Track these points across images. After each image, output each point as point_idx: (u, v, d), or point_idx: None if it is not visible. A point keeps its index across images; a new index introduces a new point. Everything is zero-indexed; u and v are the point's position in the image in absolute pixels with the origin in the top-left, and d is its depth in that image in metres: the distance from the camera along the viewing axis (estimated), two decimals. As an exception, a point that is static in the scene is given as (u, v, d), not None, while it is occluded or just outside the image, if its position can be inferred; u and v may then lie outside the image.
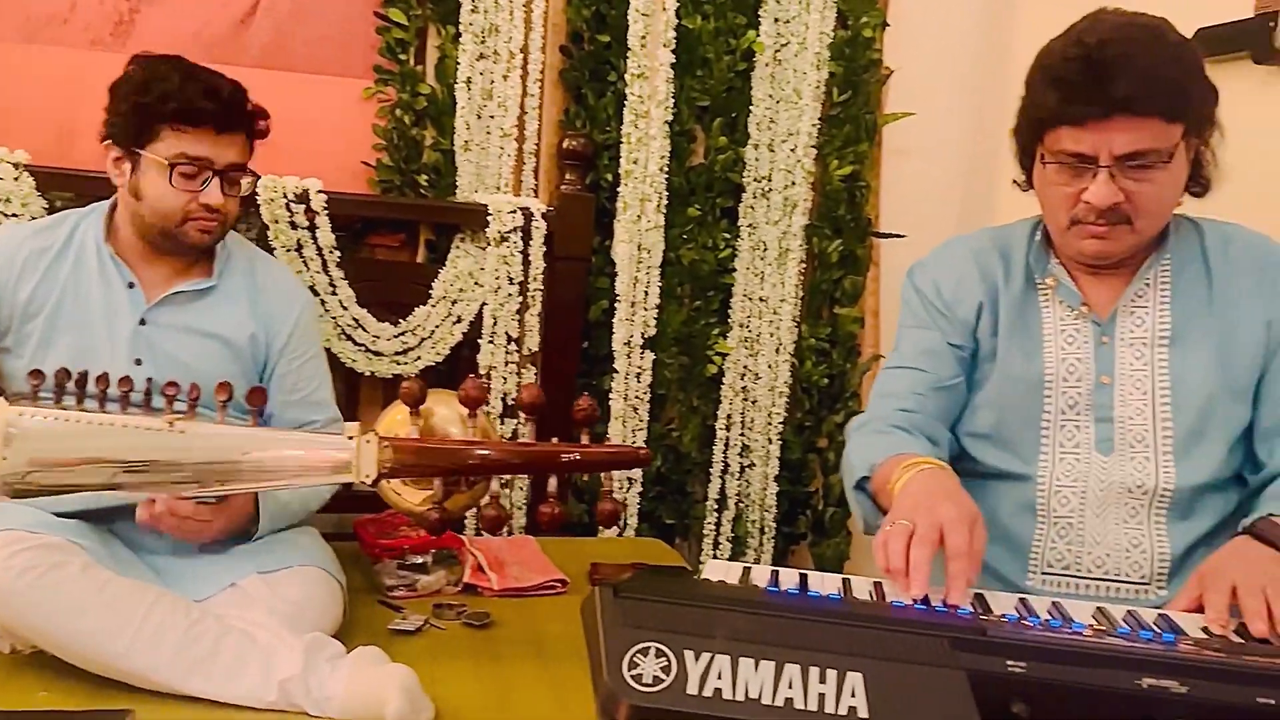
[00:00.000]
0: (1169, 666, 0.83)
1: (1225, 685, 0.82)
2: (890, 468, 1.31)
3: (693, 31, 2.18)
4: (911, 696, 0.83)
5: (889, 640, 0.86)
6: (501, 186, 2.17)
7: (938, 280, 1.53)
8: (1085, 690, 0.82)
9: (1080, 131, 1.30)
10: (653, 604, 0.89)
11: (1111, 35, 1.29)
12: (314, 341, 1.77)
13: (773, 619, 0.89)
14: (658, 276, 2.22)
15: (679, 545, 2.35)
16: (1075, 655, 0.84)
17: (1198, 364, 1.38)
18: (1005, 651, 0.84)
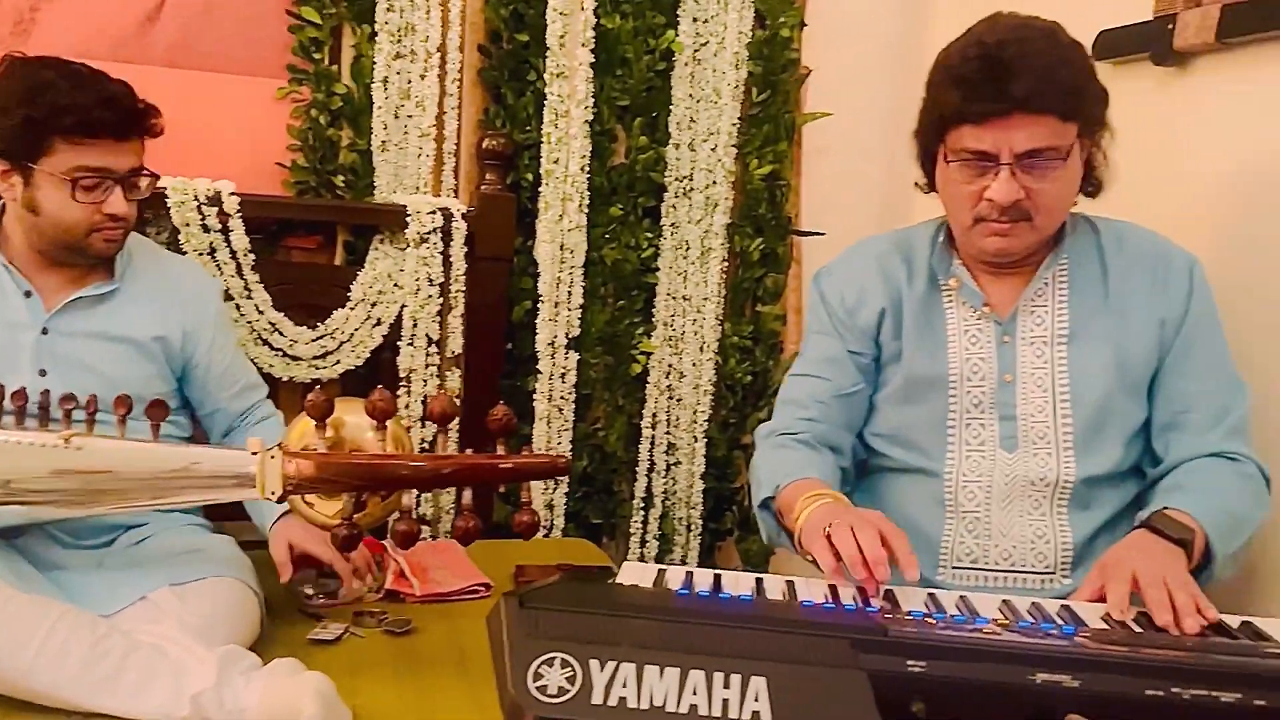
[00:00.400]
0: (1062, 661, 0.85)
1: (1116, 677, 0.84)
2: (793, 495, 1.37)
3: (611, 31, 2.18)
4: (813, 699, 0.84)
5: (793, 643, 0.87)
6: (421, 187, 2.14)
7: (841, 288, 1.56)
8: (981, 686, 0.84)
9: (981, 130, 1.34)
10: (559, 613, 0.89)
11: (1009, 36, 1.33)
12: (232, 328, 1.78)
13: (679, 625, 0.90)
14: (581, 276, 2.21)
15: (606, 545, 2.35)
16: (972, 652, 0.86)
17: (1095, 361, 1.42)
18: (905, 651, 0.86)
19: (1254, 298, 1.59)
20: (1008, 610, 1.11)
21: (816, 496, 1.33)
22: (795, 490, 1.38)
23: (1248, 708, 0.81)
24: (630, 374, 2.30)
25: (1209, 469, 1.38)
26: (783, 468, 1.44)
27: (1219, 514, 1.30)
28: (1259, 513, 1.38)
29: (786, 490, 1.39)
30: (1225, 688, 0.82)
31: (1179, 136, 1.73)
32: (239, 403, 1.74)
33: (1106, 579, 1.18)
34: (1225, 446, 1.39)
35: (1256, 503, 1.38)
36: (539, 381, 2.20)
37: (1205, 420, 1.41)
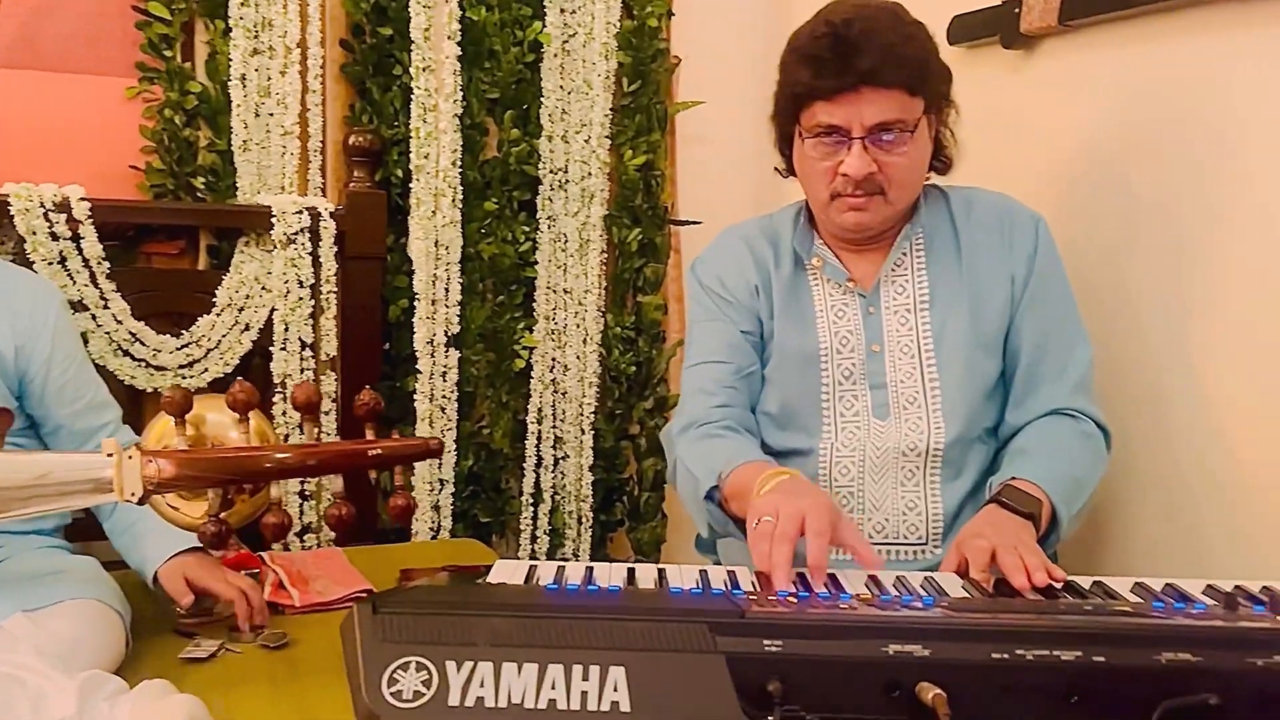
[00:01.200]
0: (912, 631, 0.87)
1: (964, 645, 0.86)
2: (746, 477, 1.34)
3: (478, 23, 2.15)
4: (672, 685, 0.84)
5: (652, 631, 0.87)
6: (286, 186, 2.08)
7: (718, 272, 1.57)
8: (835, 661, 0.85)
9: (833, 105, 1.38)
10: (413, 617, 0.87)
11: (855, 14, 1.38)
12: (77, 342, 1.67)
13: (541, 619, 0.89)
14: (458, 273, 2.18)
15: (496, 543, 2.33)
16: (825, 629, 0.87)
17: (954, 323, 1.47)
18: (762, 631, 0.87)
19: (1094, 265, 1.66)
20: (873, 585, 1.13)
21: (772, 475, 1.29)
22: (744, 474, 1.34)
23: (1086, 664, 0.84)
24: (513, 370, 2.28)
25: (1052, 431, 1.43)
26: (718, 455, 1.41)
27: (1063, 479, 1.36)
28: (1099, 470, 1.44)
29: (732, 477, 1.36)
30: (1066, 646, 0.85)
31: (1028, 116, 1.79)
32: (83, 421, 1.64)
33: (964, 550, 1.21)
34: (1069, 403, 1.45)
35: (1096, 461, 1.44)
36: (419, 381, 2.16)
37: (1050, 374, 1.46)
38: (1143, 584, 1.12)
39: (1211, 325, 1.51)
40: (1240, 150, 1.46)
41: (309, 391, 1.45)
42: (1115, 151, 1.66)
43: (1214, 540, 1.51)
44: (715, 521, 1.42)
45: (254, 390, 1.39)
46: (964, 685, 0.84)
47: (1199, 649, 0.85)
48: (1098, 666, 0.84)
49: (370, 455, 1.37)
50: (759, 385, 1.55)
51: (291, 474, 1.38)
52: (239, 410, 1.39)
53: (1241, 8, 1.45)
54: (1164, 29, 1.56)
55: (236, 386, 1.39)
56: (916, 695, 0.83)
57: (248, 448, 1.37)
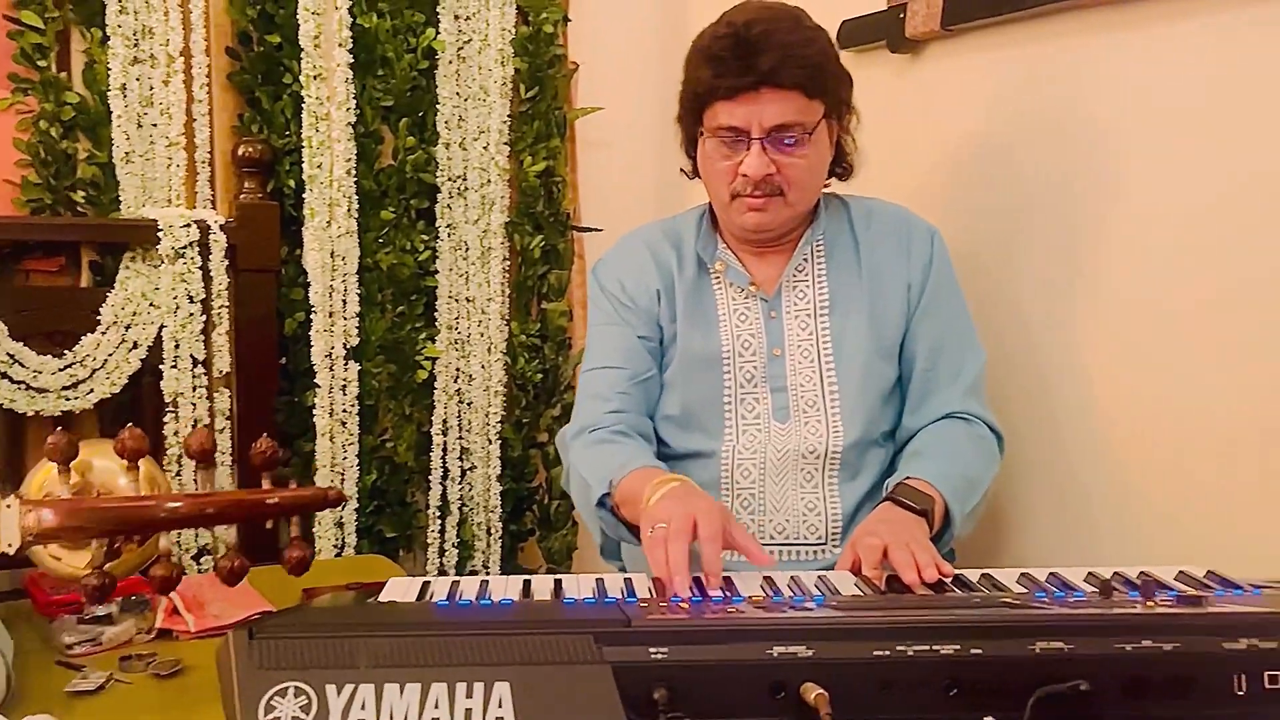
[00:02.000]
0: (797, 633, 0.87)
1: (847, 644, 0.87)
2: (636, 484, 1.33)
3: (370, 30, 2.12)
4: (557, 698, 0.83)
5: (538, 644, 0.86)
6: (173, 199, 2.02)
7: (620, 276, 1.57)
8: (721, 666, 0.85)
9: (733, 105, 1.40)
10: (291, 641, 0.85)
11: (756, 16, 1.40)
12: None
13: (426, 638, 0.87)
14: (355, 284, 2.14)
15: (404, 558, 2.29)
16: (711, 634, 0.88)
17: (854, 329, 1.50)
18: (647, 640, 0.86)
19: (984, 266, 1.71)
20: (768, 587, 1.14)
21: (663, 483, 1.29)
22: (635, 481, 1.34)
23: (964, 657, 0.86)
24: (416, 381, 2.25)
25: (946, 433, 1.47)
26: (610, 461, 1.41)
27: (956, 479, 1.39)
28: (991, 470, 1.48)
29: (623, 484, 1.36)
30: (945, 640, 0.86)
31: (916, 119, 1.83)
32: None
33: (858, 549, 1.23)
34: (962, 407, 1.49)
35: (989, 462, 1.49)
36: (318, 396, 2.12)
37: (944, 379, 1.50)
38: (1028, 574, 1.15)
39: (1095, 322, 1.56)
40: (1118, 147, 1.51)
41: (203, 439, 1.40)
42: (1000, 152, 1.71)
43: (1102, 529, 1.56)
44: (608, 528, 1.42)
45: (144, 436, 1.34)
46: (847, 684, 0.85)
47: (1071, 637, 0.87)
48: (975, 659, 0.86)
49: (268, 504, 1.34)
50: (657, 390, 1.55)
51: (185, 525, 1.33)
52: (128, 457, 1.33)
53: (1110, 10, 1.50)
54: (1040, 33, 1.61)
55: (126, 433, 1.33)
56: (800, 696, 0.83)
57: (138, 497, 1.32)
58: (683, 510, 1.18)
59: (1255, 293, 1.34)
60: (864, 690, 0.86)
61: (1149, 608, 0.95)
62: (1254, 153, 1.34)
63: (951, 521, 1.37)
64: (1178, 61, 1.42)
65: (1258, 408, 1.35)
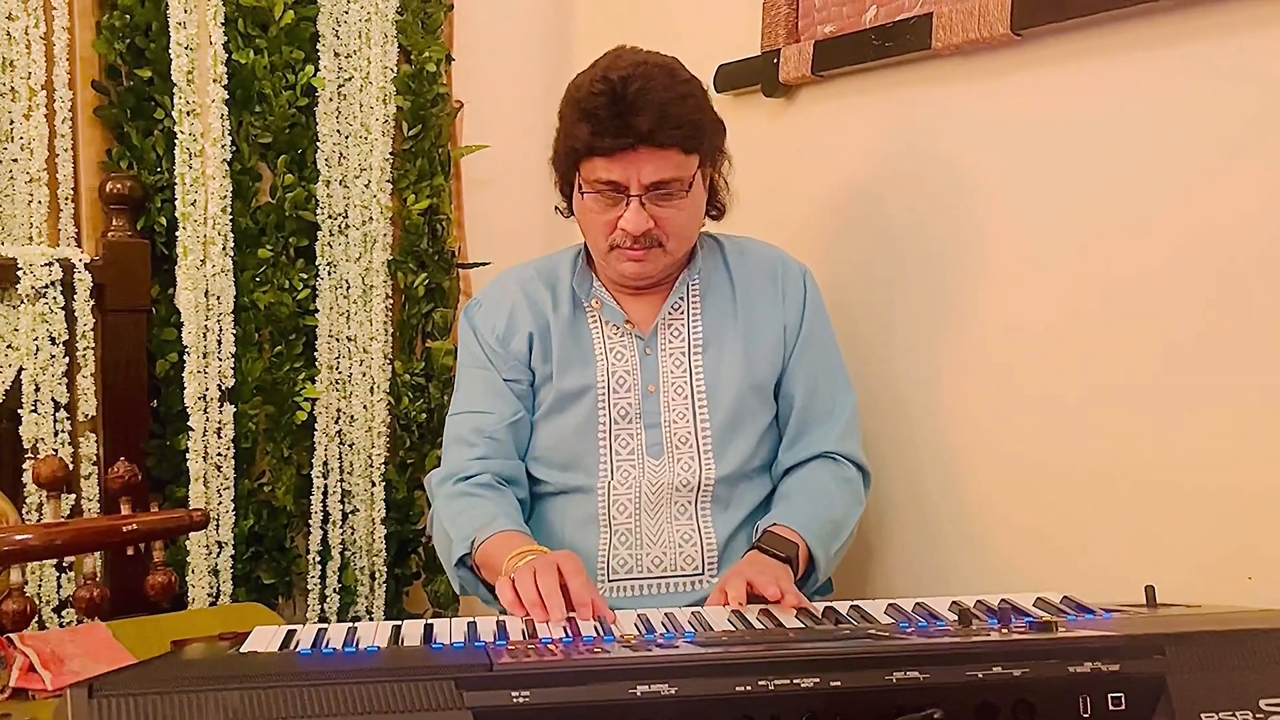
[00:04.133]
0: (660, 670, 0.87)
1: (710, 680, 0.88)
2: (496, 552, 1.34)
3: (246, 66, 2.08)
4: (416, 747, 0.82)
5: (399, 691, 0.84)
6: (35, 237, 1.95)
7: (492, 318, 1.57)
8: (583, 708, 0.85)
9: (611, 162, 1.40)
10: (135, 698, 0.81)
11: (631, 72, 1.40)
12: None
13: (278, 689, 0.84)
14: (231, 323, 2.09)
15: (283, 606, 2.22)
16: (575, 675, 0.87)
17: (728, 366, 1.52)
18: (510, 683, 0.85)
19: (852, 304, 1.76)
20: (642, 624, 1.14)
21: (523, 554, 1.30)
22: (496, 547, 1.35)
23: (824, 690, 0.87)
24: (295, 422, 2.19)
25: (814, 478, 1.52)
26: (473, 520, 1.41)
27: (819, 523, 1.44)
28: (856, 511, 1.53)
29: (484, 547, 1.37)
30: (806, 674, 0.87)
31: (789, 161, 1.88)
32: None
33: (725, 586, 1.26)
34: (836, 447, 1.53)
35: (853, 503, 1.54)
36: (192, 439, 2.04)
37: (819, 418, 1.54)
38: (895, 605, 1.17)
39: (955, 359, 1.63)
40: (978, 183, 1.58)
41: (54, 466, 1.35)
42: (868, 193, 1.76)
43: (962, 558, 1.61)
44: (467, 585, 1.43)
45: None
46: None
47: (927, 666, 0.89)
48: (834, 691, 0.87)
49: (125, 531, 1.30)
50: (527, 432, 1.55)
51: (35, 556, 1.28)
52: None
53: (966, 60, 1.58)
54: (904, 79, 1.68)
55: None
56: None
57: (-20, 529, 1.26)
58: (544, 559, 1.23)
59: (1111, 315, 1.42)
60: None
61: (1004, 635, 0.98)
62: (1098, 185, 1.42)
63: (815, 565, 1.42)
64: (1028, 105, 1.51)
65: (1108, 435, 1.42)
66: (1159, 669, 0.92)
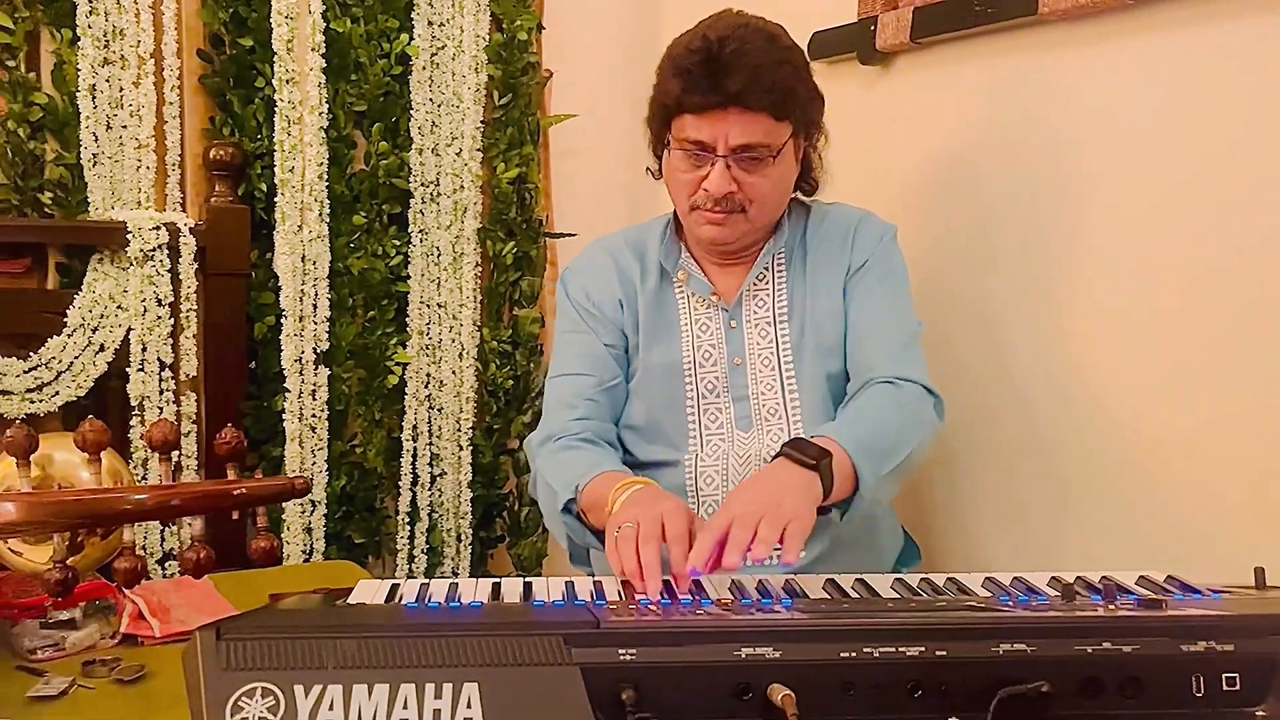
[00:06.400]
0: (764, 634, 0.88)
1: (813, 645, 0.88)
2: (602, 488, 1.33)
3: (343, 35, 2.12)
4: (526, 699, 0.83)
5: (507, 645, 0.86)
6: (142, 201, 2.01)
7: (585, 284, 1.58)
8: (688, 667, 0.86)
9: (700, 120, 1.40)
10: (259, 642, 0.84)
11: (731, 33, 1.39)
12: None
13: (395, 639, 0.87)
14: (326, 288, 2.14)
15: (373, 564, 2.28)
16: (678, 635, 0.88)
17: (808, 335, 1.50)
18: (616, 641, 0.87)
19: (949, 274, 1.73)
20: (735, 589, 1.14)
21: (626, 485, 1.29)
22: (600, 485, 1.33)
23: (929, 659, 0.87)
24: (386, 386, 2.24)
25: (865, 399, 1.41)
26: (575, 468, 1.41)
27: (865, 437, 1.31)
28: (916, 432, 1.38)
29: (588, 489, 1.36)
30: (909, 642, 0.87)
31: (884, 129, 1.85)
32: None
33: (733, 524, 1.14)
34: (890, 371, 1.42)
35: (912, 422, 1.39)
36: (288, 400, 2.10)
37: (875, 350, 1.46)
38: (993, 578, 1.16)
39: (1059, 328, 1.59)
40: (1081, 158, 1.54)
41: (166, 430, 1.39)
42: (967, 163, 1.73)
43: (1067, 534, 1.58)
44: (574, 534, 1.42)
45: (105, 428, 1.33)
46: (813, 685, 0.86)
47: (1033, 639, 0.89)
48: (939, 660, 0.87)
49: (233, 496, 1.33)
50: (623, 398, 1.55)
51: (149, 517, 1.33)
52: (89, 450, 1.33)
53: (1075, 26, 1.53)
54: (1007, 46, 1.64)
55: (87, 425, 1.33)
56: (767, 697, 0.84)
57: (101, 489, 1.31)
58: (650, 513, 1.18)
59: (1215, 299, 1.37)
60: (829, 691, 0.87)
61: (1110, 611, 0.97)
62: (1212, 165, 1.37)
63: (861, 483, 1.28)
64: (1140, 76, 1.46)
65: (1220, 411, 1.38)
66: (1275, 650, 0.90)
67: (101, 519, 1.30)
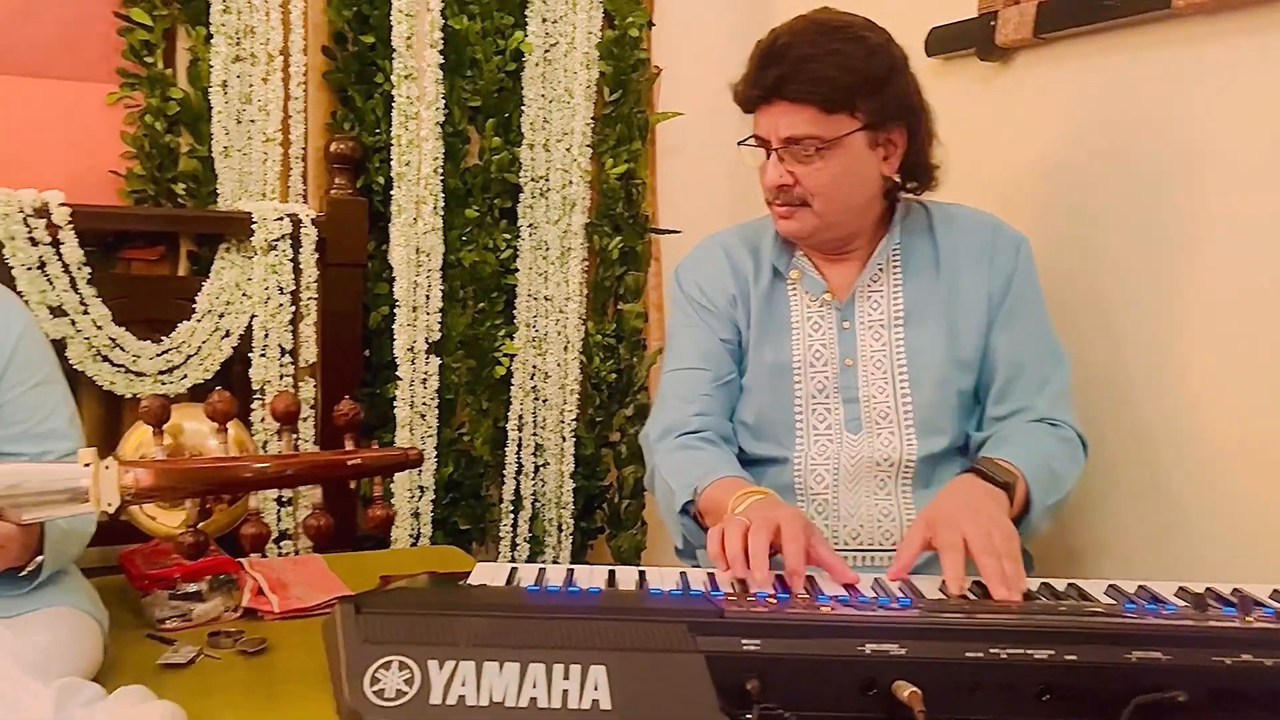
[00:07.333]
0: (889, 631, 0.88)
1: (939, 644, 0.88)
2: (720, 494, 1.34)
3: (460, 32, 2.16)
4: (652, 684, 0.85)
5: (632, 630, 0.88)
6: (267, 193, 2.09)
7: (698, 279, 1.58)
8: (813, 660, 0.86)
9: (758, 115, 1.43)
10: (395, 617, 0.88)
11: (793, 28, 1.41)
12: (40, 366, 1.54)
13: (522, 620, 0.90)
14: (439, 280, 2.19)
15: (476, 551, 2.33)
16: (803, 628, 0.88)
17: (930, 341, 1.48)
18: (740, 631, 0.88)
19: (1070, 276, 1.69)
20: (849, 587, 1.14)
21: (747, 494, 1.30)
22: (719, 490, 1.35)
23: (1058, 663, 0.86)
24: (494, 377, 2.29)
25: (1030, 429, 1.44)
26: (694, 469, 1.42)
27: (1040, 467, 1.35)
28: (1074, 471, 1.44)
29: (707, 493, 1.37)
30: (1039, 645, 0.86)
31: (1004, 128, 1.82)
32: (16, 446, 1.47)
33: (939, 544, 1.19)
34: (1048, 413, 1.46)
35: (1073, 462, 1.45)
36: (399, 388, 2.16)
37: (1028, 388, 1.47)
38: (1116, 586, 1.14)
39: (1184, 332, 1.54)
40: (1209, 160, 1.48)
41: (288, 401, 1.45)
42: (1090, 164, 1.69)
43: (1193, 542, 1.53)
44: (690, 535, 1.43)
45: (233, 400, 1.39)
46: (938, 683, 0.85)
47: (1169, 648, 0.87)
48: (1070, 664, 0.86)
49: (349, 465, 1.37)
50: (737, 393, 1.56)
51: (269, 485, 1.38)
52: (218, 420, 1.39)
53: (1208, 20, 1.48)
54: (1135, 42, 1.59)
55: (216, 396, 1.39)
56: (892, 693, 0.84)
57: (225, 458, 1.36)
58: (766, 515, 1.19)
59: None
60: (954, 691, 0.86)
61: (1247, 623, 0.94)
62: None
63: (1031, 508, 1.33)
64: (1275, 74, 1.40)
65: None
66: None
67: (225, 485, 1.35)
